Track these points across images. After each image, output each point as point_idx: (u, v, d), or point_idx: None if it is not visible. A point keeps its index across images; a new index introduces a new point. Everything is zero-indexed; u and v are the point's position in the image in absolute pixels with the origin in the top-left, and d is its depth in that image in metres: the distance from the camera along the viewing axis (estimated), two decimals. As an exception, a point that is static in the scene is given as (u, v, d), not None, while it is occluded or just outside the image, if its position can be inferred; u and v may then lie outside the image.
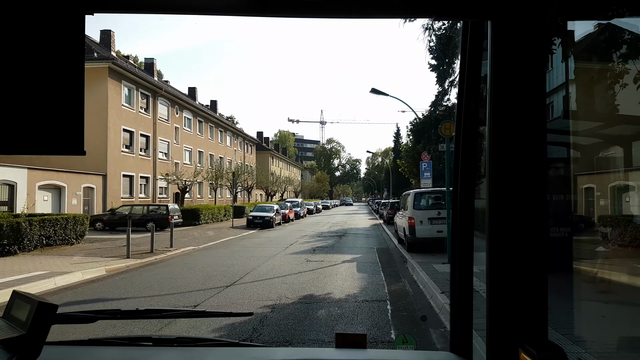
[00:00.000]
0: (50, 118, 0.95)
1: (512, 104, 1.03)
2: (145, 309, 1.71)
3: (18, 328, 1.16)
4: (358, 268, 12.34)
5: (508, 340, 1.05)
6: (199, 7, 0.98)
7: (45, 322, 1.16)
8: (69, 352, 1.52)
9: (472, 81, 1.30)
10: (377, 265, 12.98)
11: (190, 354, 1.54)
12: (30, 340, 1.13)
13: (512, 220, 1.04)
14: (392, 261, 13.97)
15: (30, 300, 1.20)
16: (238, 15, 0.99)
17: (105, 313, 1.63)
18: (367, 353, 1.53)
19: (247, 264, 12.93)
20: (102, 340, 1.61)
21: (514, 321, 1.05)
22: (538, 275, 1.04)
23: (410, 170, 27.61)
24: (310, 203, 57.20)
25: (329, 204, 77.86)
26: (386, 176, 75.19)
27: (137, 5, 1.00)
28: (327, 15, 1.03)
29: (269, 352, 1.61)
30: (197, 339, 1.67)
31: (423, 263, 12.27)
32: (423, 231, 14.79)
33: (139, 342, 1.63)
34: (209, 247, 17.92)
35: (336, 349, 1.55)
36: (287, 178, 70.68)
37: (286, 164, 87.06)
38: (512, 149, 1.03)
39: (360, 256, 14.90)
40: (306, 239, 21.49)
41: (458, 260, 1.39)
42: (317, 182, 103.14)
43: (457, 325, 1.41)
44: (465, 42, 1.27)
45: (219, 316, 2.02)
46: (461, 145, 1.35)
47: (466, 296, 1.39)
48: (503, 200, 1.04)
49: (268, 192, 56.85)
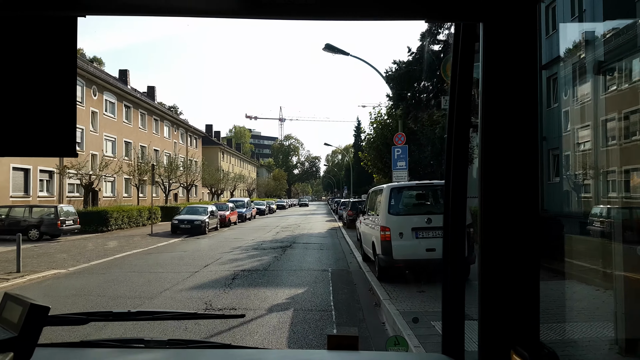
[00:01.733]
0: (42, 120, 0.95)
1: (504, 105, 1.03)
2: (137, 311, 1.70)
3: (9, 330, 1.11)
4: (292, 329, 6.55)
5: (500, 342, 1.04)
6: (190, 9, 0.98)
7: (37, 324, 1.11)
8: (61, 354, 1.51)
9: (464, 83, 1.30)
10: (328, 316, 7.27)
11: (182, 355, 1.57)
12: (22, 342, 1.09)
13: (504, 221, 1.04)
14: (356, 304, 8.28)
15: (22, 302, 1.13)
16: (229, 17, 1.00)
17: (97, 315, 1.72)
18: (360, 355, 1.53)
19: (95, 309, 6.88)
20: (94, 342, 1.62)
21: (505, 323, 1.05)
22: (530, 277, 1.04)
23: (375, 164, 22.52)
24: (262, 203, 51.12)
25: (284, 204, 72.17)
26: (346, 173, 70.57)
27: (130, 7, 0.97)
28: (319, 17, 1.02)
29: (260, 354, 1.66)
30: (188, 341, 1.66)
31: (410, 313, 6.70)
32: (404, 249, 9.21)
33: (131, 344, 1.61)
34: (83, 271, 11.81)
35: (328, 351, 1.54)
36: (237, 175, 64.09)
37: (239, 160, 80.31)
38: (504, 150, 1.03)
39: (303, 292, 9.14)
40: (236, 253, 15.56)
41: (450, 261, 1.39)
42: (274, 181, 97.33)
43: (449, 327, 1.41)
44: (457, 44, 1.28)
45: (211, 318, 2.22)
46: (453, 148, 1.35)
47: (458, 298, 1.39)
48: (495, 201, 1.05)
49: (213, 191, 50.22)
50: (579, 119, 13.95)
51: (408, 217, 9.53)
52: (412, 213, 9.62)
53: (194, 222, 23.37)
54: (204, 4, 0.97)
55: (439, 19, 1.29)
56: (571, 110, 15.34)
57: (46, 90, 0.94)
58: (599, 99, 11.53)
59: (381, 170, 22.39)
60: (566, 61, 15.47)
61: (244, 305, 7.94)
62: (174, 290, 9.19)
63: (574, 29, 14.89)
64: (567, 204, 15.67)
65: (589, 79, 11.21)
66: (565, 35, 15.07)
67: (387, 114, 21.59)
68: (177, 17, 0.98)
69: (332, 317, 7.17)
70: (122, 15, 0.98)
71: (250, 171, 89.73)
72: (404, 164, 14.65)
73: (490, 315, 1.06)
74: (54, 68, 0.94)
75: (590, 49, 9.46)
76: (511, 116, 1.02)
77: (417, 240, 9.21)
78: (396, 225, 9.37)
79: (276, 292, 8.93)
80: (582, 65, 11.33)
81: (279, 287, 9.39)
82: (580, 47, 10.48)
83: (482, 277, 1.07)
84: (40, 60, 0.94)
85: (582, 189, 14.72)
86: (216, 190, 50.44)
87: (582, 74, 11.83)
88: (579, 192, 14.75)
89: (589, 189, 13.79)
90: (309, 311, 7.53)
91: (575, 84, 13.81)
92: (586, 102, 12.98)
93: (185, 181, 41.04)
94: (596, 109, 12.04)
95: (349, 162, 61.43)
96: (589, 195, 13.27)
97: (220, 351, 1.61)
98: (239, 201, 37.20)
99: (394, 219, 9.50)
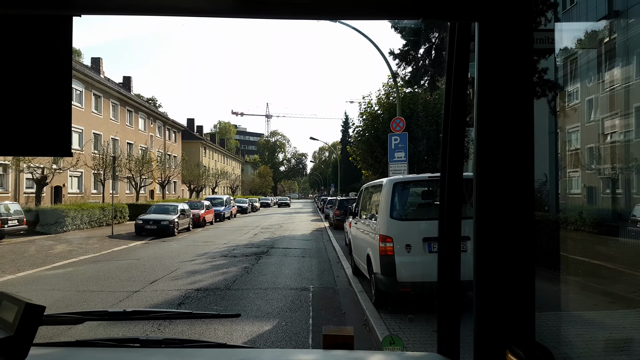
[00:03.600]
0: (37, 119, 0.96)
1: (499, 104, 1.03)
2: (133, 310, 1.70)
3: (5, 329, 1.12)
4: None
5: (495, 342, 1.04)
6: (186, 9, 0.96)
7: (32, 324, 1.12)
8: (56, 354, 1.51)
9: (460, 83, 1.30)
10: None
11: (178, 355, 1.57)
12: (17, 341, 1.10)
13: (499, 220, 1.03)
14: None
15: (17, 302, 1.15)
16: (225, 17, 0.99)
17: (92, 314, 1.71)
18: (355, 354, 1.54)
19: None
20: (89, 342, 1.61)
21: (501, 322, 1.04)
22: (526, 276, 1.03)
23: (364, 159, 20.21)
24: (245, 200, 48.27)
25: (269, 201, 69.43)
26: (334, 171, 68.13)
27: (126, 7, 0.96)
28: (315, 17, 1.01)
29: (256, 354, 1.67)
30: (184, 341, 1.66)
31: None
32: (412, 268, 6.64)
33: (127, 343, 1.60)
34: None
35: (324, 350, 1.54)
36: (219, 171, 61.09)
37: (223, 156, 77.18)
38: (500, 150, 1.03)
39: (270, 329, 6.49)
40: (199, 262, 12.86)
41: (445, 260, 1.39)
42: (260, 178, 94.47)
43: (444, 327, 1.41)
44: (453, 43, 1.28)
45: (206, 317, 2.19)
46: (448, 147, 1.35)
47: (453, 297, 1.38)
48: (490, 201, 1.04)
49: (192, 187, 47.23)
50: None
51: (417, 222, 6.96)
52: (423, 217, 7.04)
53: (160, 223, 20.58)
54: (200, 3, 0.96)
55: (434, 18, 1.00)
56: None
57: (41, 90, 0.95)
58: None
59: (371, 165, 20.13)
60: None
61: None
62: (90, 324, 6.51)
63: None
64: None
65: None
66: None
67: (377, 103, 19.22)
68: (173, 16, 0.96)
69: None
70: (118, 15, 0.96)
71: (235, 167, 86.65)
72: (403, 155, 12.08)
73: (485, 314, 1.05)
74: (49, 67, 0.95)
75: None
76: (506, 115, 1.02)
77: (432, 255, 6.65)
78: (401, 235, 6.79)
79: (231, 331, 6.28)
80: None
81: (238, 321, 6.72)
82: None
83: (478, 277, 1.06)
84: (35, 59, 0.94)
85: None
86: (195, 187, 47.46)
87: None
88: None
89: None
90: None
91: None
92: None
93: (161, 177, 38.05)
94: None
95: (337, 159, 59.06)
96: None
97: (215, 350, 1.62)
98: (217, 199, 34.25)
99: (398, 225, 6.92)
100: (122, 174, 30.28)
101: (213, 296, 8.43)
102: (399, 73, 15.49)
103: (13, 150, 0.97)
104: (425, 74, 13.22)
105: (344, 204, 22.54)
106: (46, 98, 0.94)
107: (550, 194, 18.31)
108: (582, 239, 10.90)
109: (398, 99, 13.92)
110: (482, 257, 1.05)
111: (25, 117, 0.94)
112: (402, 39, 13.58)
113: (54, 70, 0.95)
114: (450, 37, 1.27)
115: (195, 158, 55.22)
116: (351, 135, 35.47)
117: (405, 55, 13.29)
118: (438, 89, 15.13)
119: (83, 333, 5.85)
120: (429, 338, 5.67)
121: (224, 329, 6.35)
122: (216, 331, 6.25)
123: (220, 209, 32.19)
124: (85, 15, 0.95)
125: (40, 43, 0.94)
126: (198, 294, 8.60)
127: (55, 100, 0.95)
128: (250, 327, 6.46)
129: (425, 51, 13.19)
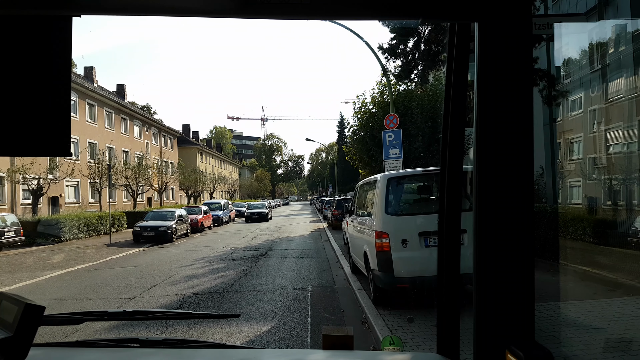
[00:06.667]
0: (37, 120, 0.95)
1: (499, 104, 1.03)
2: (133, 310, 1.69)
3: (5, 330, 1.12)
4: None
5: (495, 342, 1.03)
6: (184, 9, 0.95)
7: (32, 324, 1.12)
8: (56, 354, 1.51)
9: (459, 83, 1.30)
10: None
11: (177, 355, 1.57)
12: (17, 342, 1.10)
13: (498, 220, 1.03)
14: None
15: (17, 302, 1.14)
16: (223, 17, 0.98)
17: (92, 314, 1.70)
18: (355, 354, 1.53)
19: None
20: (89, 342, 1.61)
21: (500, 322, 1.03)
22: (525, 276, 1.02)
23: (361, 159, 20.17)
24: (243, 204, 48.20)
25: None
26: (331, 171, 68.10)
27: (125, 7, 0.95)
28: (314, 17, 1.00)
29: (256, 354, 1.67)
30: (184, 341, 1.65)
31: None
32: (409, 263, 6.62)
33: (126, 343, 1.60)
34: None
35: (324, 351, 1.53)
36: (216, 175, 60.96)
37: (220, 161, 77.05)
38: (499, 150, 1.03)
39: (268, 330, 6.45)
40: (197, 267, 12.82)
41: (445, 260, 1.36)
42: (257, 181, 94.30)
43: (444, 327, 1.39)
44: (452, 43, 1.27)
45: (205, 318, 2.17)
46: (448, 148, 1.34)
47: (453, 292, 1.36)
48: (489, 201, 1.04)
49: (190, 193, 47.13)
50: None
51: (413, 217, 6.93)
52: (419, 212, 7.01)
53: (158, 229, 20.52)
54: (199, 3, 0.95)
55: (434, 18, 1.00)
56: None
57: (41, 90, 0.94)
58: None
59: (368, 164, 20.09)
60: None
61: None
62: (86, 331, 6.45)
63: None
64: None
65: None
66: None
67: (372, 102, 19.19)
68: (171, 16, 0.96)
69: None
70: (117, 15, 0.96)
71: (232, 172, 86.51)
72: (398, 152, 12.06)
73: (485, 314, 1.04)
74: (49, 67, 0.95)
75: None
76: (506, 116, 1.02)
77: (428, 249, 6.62)
78: (397, 230, 6.76)
79: (229, 332, 6.24)
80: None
81: (237, 322, 6.68)
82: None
83: (477, 276, 1.05)
84: (35, 59, 0.94)
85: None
86: (193, 193, 47.37)
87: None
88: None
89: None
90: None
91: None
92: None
93: (158, 183, 37.95)
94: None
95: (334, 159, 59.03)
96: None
97: (215, 351, 1.62)
98: (214, 203, 34.20)
99: (394, 220, 6.89)
100: (119, 182, 30.14)
101: (211, 299, 8.38)
102: (389, 68, 15.45)
103: (13, 151, 0.96)
104: (415, 67, 13.19)
105: (341, 204, 22.53)
106: (46, 98, 0.94)
107: (548, 186, 18.29)
108: (580, 229, 10.87)
109: (391, 95, 13.90)
110: (481, 256, 1.05)
111: (25, 117, 0.94)
112: (391, 33, 13.54)
113: (53, 70, 0.95)
114: (450, 37, 1.28)
115: (192, 164, 55.10)
116: (347, 135, 35.47)
117: (394, 48, 13.26)
118: (429, 82, 15.08)
119: (83, 333, 5.93)
120: (429, 335, 5.63)
121: (222, 330, 6.31)
122: (214, 333, 6.20)
123: (219, 213, 32.14)
124: (84, 15, 0.95)
125: (40, 43, 0.94)
126: (196, 297, 8.56)
127: (55, 100, 0.95)
128: (249, 328, 6.42)
129: (414, 44, 13.14)
